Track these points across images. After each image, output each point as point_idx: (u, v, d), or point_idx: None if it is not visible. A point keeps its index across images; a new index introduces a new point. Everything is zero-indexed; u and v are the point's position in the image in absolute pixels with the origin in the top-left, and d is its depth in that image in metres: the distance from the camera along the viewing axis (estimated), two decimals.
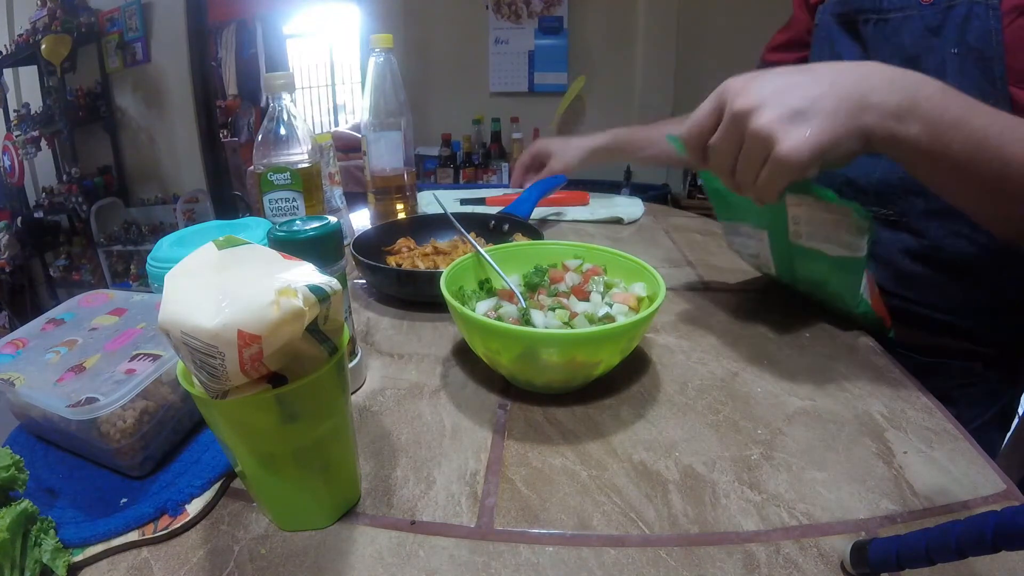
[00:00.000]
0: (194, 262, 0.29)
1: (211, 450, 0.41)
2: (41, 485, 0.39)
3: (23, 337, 0.45)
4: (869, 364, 0.53)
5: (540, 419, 0.46)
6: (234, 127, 3.87)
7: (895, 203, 0.67)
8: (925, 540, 0.27)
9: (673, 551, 0.34)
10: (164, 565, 0.33)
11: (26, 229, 2.77)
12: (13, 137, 2.77)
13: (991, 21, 0.56)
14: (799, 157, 0.41)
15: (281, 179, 0.62)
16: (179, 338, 0.27)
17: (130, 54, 2.78)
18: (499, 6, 2.75)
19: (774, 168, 0.43)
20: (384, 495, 0.38)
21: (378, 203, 0.91)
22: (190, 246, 0.46)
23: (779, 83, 0.43)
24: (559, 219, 0.98)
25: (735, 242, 0.66)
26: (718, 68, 0.73)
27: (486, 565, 0.33)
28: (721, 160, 0.47)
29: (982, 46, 0.57)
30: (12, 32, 2.75)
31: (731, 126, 0.44)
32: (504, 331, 0.43)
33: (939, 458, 0.41)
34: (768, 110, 0.42)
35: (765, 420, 0.45)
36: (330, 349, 0.32)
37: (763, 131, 0.42)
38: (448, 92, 2.90)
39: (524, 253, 0.59)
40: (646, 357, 0.54)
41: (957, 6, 0.59)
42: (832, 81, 0.43)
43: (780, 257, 0.60)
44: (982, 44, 0.57)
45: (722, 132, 0.45)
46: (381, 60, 0.84)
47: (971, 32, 0.58)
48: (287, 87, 0.62)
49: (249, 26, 4.11)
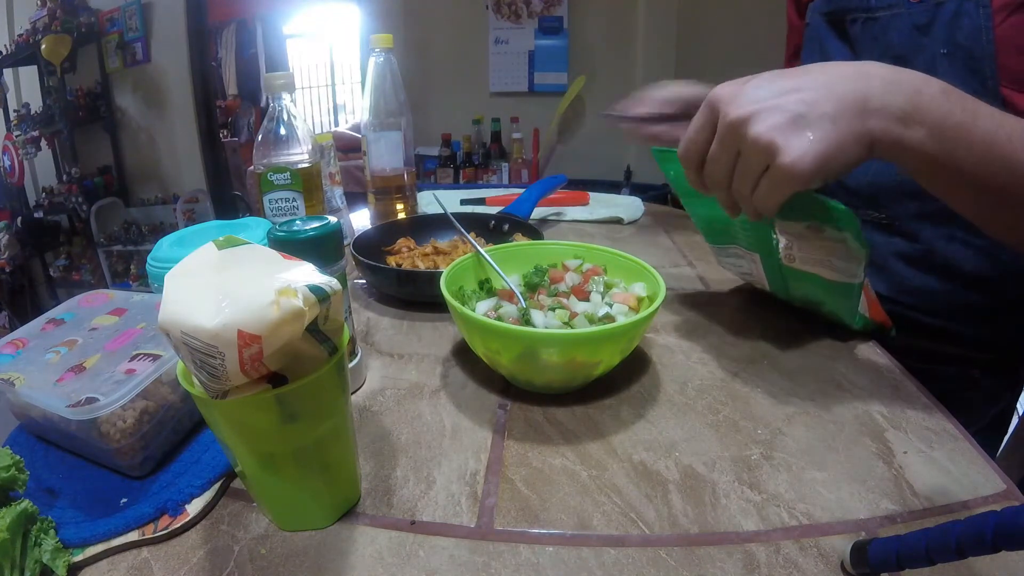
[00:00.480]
0: (194, 262, 0.29)
1: (211, 450, 0.41)
2: (41, 485, 0.39)
3: (23, 337, 0.45)
4: (869, 364, 0.53)
5: (540, 419, 0.46)
6: (234, 127, 3.87)
7: (887, 206, 0.66)
8: (925, 540, 0.27)
9: (673, 551, 0.34)
10: (164, 565, 0.33)
11: (26, 229, 2.77)
12: (13, 137, 2.76)
13: (981, 19, 0.55)
14: (803, 167, 0.38)
15: (281, 179, 0.62)
16: (179, 338, 0.27)
17: (130, 54, 2.78)
18: (499, 6, 2.75)
19: (776, 179, 0.40)
20: (384, 495, 0.38)
21: (378, 203, 0.91)
22: (190, 246, 0.46)
23: (773, 88, 0.40)
24: (559, 219, 0.98)
25: (725, 262, 0.65)
26: (718, 68, 0.72)
27: (486, 565, 0.33)
28: (717, 173, 0.43)
29: (972, 45, 0.56)
30: (12, 32, 2.75)
31: (726, 137, 0.41)
32: (504, 331, 0.43)
33: (939, 458, 0.41)
34: (765, 117, 0.39)
35: (765, 420, 0.45)
36: (330, 349, 0.32)
37: (762, 140, 0.39)
38: (448, 92, 2.90)
39: (524, 253, 0.59)
40: (646, 357, 0.54)
41: (946, 3, 0.57)
42: (829, 83, 0.40)
43: (773, 277, 0.58)
44: (972, 43, 0.56)
45: (717, 144, 0.42)
46: (381, 60, 0.84)
47: (961, 31, 0.56)
48: (287, 87, 0.62)
49: (249, 26, 4.10)
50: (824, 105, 0.39)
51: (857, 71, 0.42)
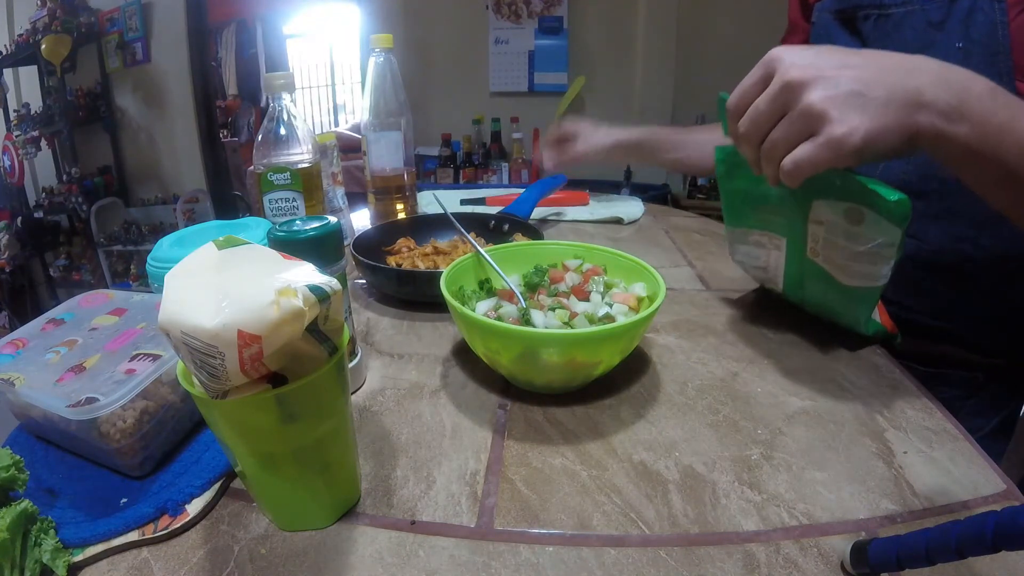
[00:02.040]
0: (194, 262, 0.29)
1: (211, 450, 0.41)
2: (41, 485, 0.39)
3: (23, 337, 0.45)
4: (869, 364, 0.53)
5: (540, 419, 0.45)
6: (234, 127, 3.87)
7: None
8: (925, 540, 0.27)
9: (673, 551, 0.34)
10: (164, 565, 0.33)
11: (26, 229, 2.77)
12: (13, 137, 2.77)
13: (996, 15, 0.55)
14: (851, 143, 0.39)
15: (281, 179, 0.63)
16: (179, 338, 0.27)
17: (130, 54, 2.78)
18: (499, 6, 2.74)
19: (820, 149, 0.40)
20: (384, 495, 0.38)
21: (378, 203, 0.91)
22: (190, 246, 0.46)
23: (833, 60, 0.41)
24: (559, 219, 0.98)
25: (740, 251, 0.63)
26: (718, 69, 0.73)
27: (486, 565, 0.33)
28: (758, 124, 0.43)
29: (987, 40, 0.56)
30: (12, 32, 2.75)
31: (779, 95, 0.41)
32: (504, 331, 0.43)
33: (939, 458, 0.41)
34: (824, 86, 0.39)
35: (765, 420, 0.45)
36: (330, 349, 0.32)
37: (816, 107, 0.39)
38: (448, 92, 2.90)
39: (524, 253, 0.59)
40: (646, 357, 0.54)
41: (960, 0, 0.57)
42: (884, 70, 0.41)
43: (791, 272, 0.57)
44: (987, 38, 0.56)
45: (767, 98, 0.42)
46: (381, 60, 0.84)
47: (976, 26, 0.56)
48: (287, 87, 0.62)
49: (249, 26, 4.10)
50: (878, 89, 0.40)
51: (910, 64, 0.42)
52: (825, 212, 0.48)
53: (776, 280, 0.60)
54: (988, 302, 0.64)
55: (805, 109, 0.40)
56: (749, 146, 0.45)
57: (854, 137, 0.39)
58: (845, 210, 0.46)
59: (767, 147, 0.43)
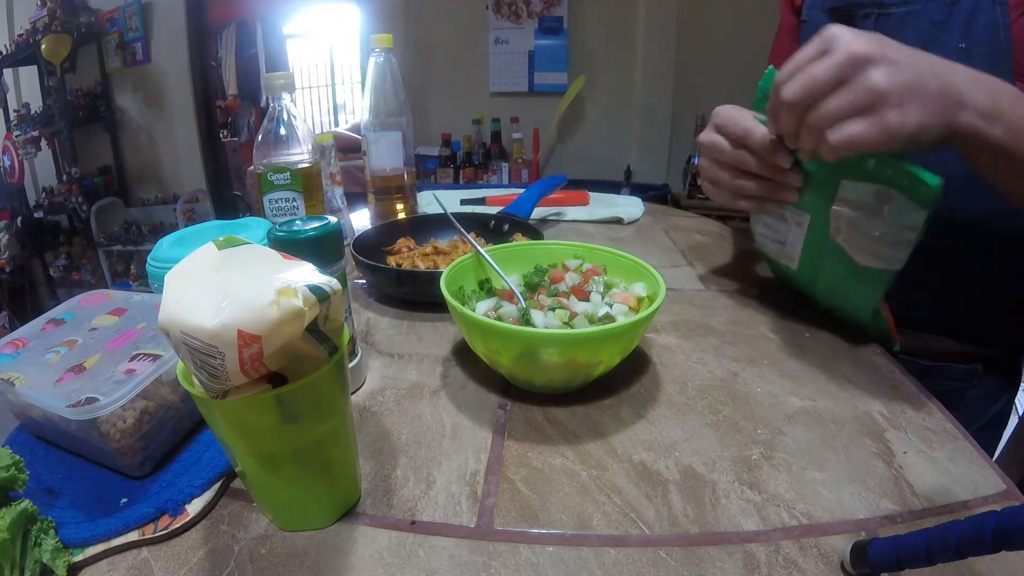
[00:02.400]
0: (194, 262, 0.29)
1: (211, 450, 0.41)
2: (41, 485, 0.39)
3: (23, 337, 0.45)
4: (869, 364, 0.53)
5: (540, 419, 0.46)
6: (234, 127, 3.87)
7: None
8: (925, 540, 0.27)
9: (673, 551, 0.34)
10: (164, 565, 0.33)
11: (26, 229, 2.77)
12: (13, 137, 2.77)
13: (999, 16, 0.56)
14: (903, 132, 0.39)
15: (281, 179, 0.63)
16: (179, 338, 0.27)
17: (130, 54, 2.78)
18: (499, 6, 2.75)
19: (872, 129, 0.40)
20: (384, 495, 0.38)
21: (378, 203, 0.91)
22: (190, 246, 0.46)
23: (893, 45, 0.41)
24: (559, 219, 0.98)
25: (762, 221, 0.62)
26: (718, 69, 0.72)
27: (486, 565, 0.33)
28: (810, 90, 0.42)
29: (990, 41, 0.56)
30: (12, 32, 2.75)
31: (844, 65, 0.40)
32: (504, 331, 0.43)
33: (939, 458, 0.41)
34: (891, 68, 0.40)
35: (765, 420, 0.45)
36: (330, 349, 0.32)
37: (881, 86, 0.39)
38: (448, 92, 2.90)
39: (524, 253, 0.59)
40: (646, 357, 0.54)
41: (962, 1, 0.58)
42: (931, 66, 0.41)
43: (809, 248, 0.56)
44: (990, 39, 0.56)
45: (830, 65, 0.41)
46: (381, 60, 0.84)
47: (978, 27, 0.57)
48: (287, 87, 0.62)
49: (249, 26, 4.10)
50: (932, 83, 0.40)
51: (947, 63, 0.42)
52: (853, 192, 0.49)
53: (792, 256, 0.59)
54: (988, 294, 0.65)
55: (870, 85, 0.40)
56: (793, 112, 0.44)
57: (907, 126, 0.39)
58: (875, 192, 0.47)
59: (816, 116, 0.42)
